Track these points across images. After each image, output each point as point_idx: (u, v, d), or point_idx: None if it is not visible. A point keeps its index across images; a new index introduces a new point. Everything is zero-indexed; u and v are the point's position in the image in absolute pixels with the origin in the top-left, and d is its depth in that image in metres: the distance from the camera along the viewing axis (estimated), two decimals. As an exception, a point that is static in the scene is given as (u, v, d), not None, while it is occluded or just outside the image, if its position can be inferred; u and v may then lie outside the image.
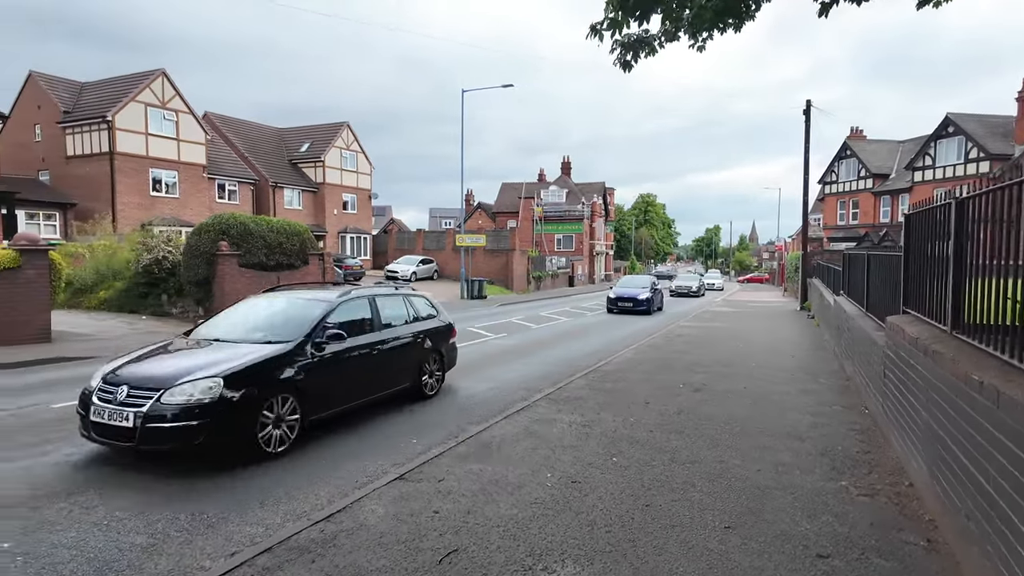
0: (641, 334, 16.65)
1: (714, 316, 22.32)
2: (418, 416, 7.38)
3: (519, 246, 39.69)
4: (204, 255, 17.02)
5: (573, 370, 10.65)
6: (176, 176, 29.64)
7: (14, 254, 12.04)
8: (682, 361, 11.41)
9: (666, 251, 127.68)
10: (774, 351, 13.05)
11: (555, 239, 63.14)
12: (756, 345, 14.10)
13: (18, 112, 29.69)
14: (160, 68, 28.77)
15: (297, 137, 41.13)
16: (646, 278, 27.33)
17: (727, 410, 7.47)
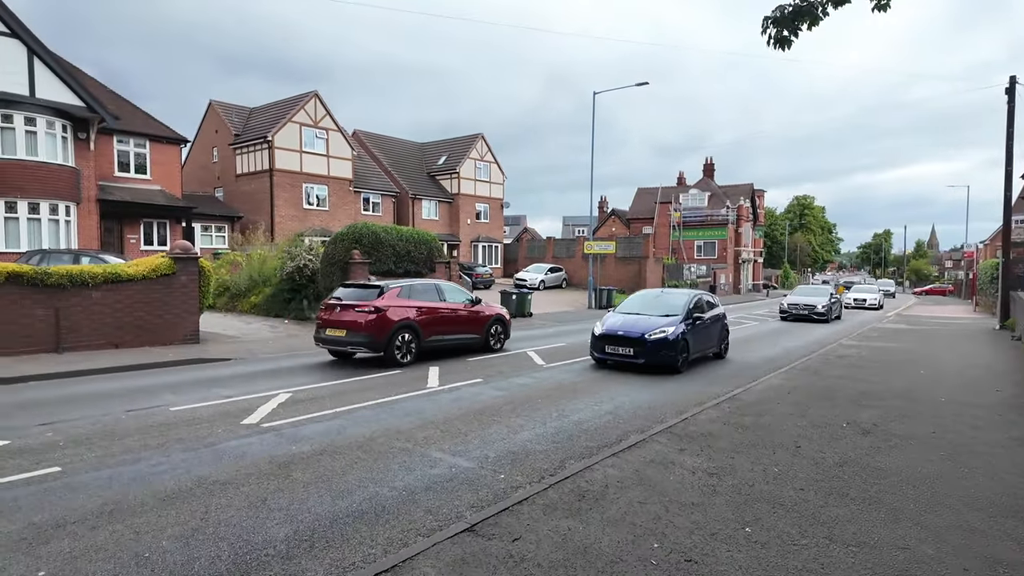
0: (793, 354, 14.44)
1: (884, 334, 19.05)
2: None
3: (653, 253, 37.65)
4: (339, 263, 17.69)
5: (704, 397, 9.18)
6: (326, 190, 31.88)
7: (170, 261, 13.13)
8: (845, 391, 9.41)
9: (826, 259, 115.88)
10: (970, 382, 10.45)
11: (695, 246, 59.52)
12: (944, 373, 11.47)
13: (201, 137, 33.85)
14: (313, 90, 31.18)
15: (436, 150, 42.68)
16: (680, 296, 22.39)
17: (910, 464, 5.71)
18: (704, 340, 12.59)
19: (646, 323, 11.54)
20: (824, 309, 23.42)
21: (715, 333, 13.24)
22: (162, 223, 25.83)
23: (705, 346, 12.75)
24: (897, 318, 27.30)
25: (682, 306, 12.13)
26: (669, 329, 11.21)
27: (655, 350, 10.97)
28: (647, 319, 11.75)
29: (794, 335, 19.12)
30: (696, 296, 12.93)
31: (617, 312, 12.74)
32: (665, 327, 11.25)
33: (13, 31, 19.72)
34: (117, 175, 24.72)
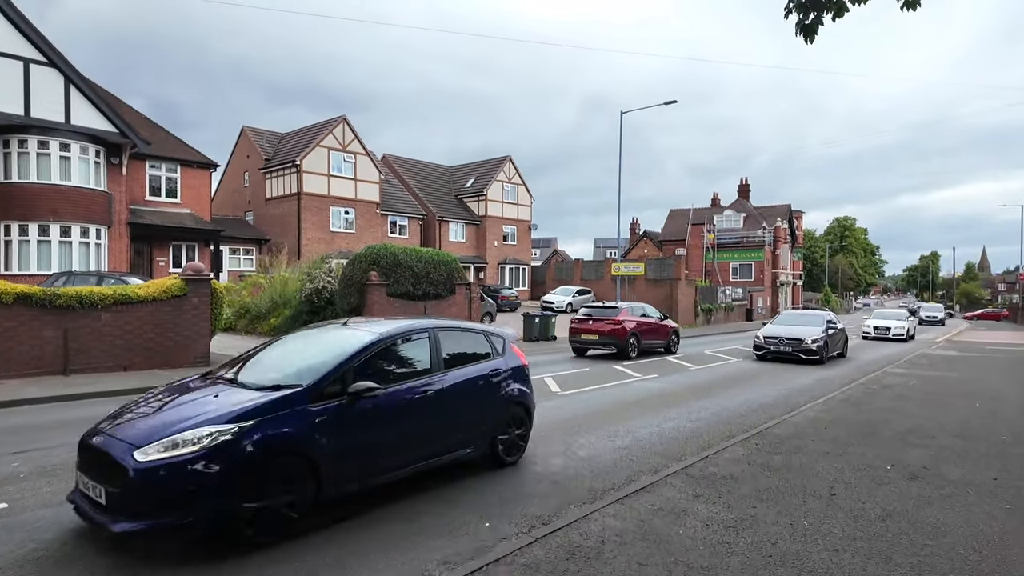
0: (833, 383, 13.39)
1: (934, 362, 17.71)
2: (500, 478, 5.85)
3: (685, 275, 36.57)
4: (356, 284, 17.41)
5: (731, 430, 8.36)
6: (353, 213, 32.02)
7: (181, 283, 12.98)
8: (890, 426, 8.45)
9: (869, 281, 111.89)
10: (1037, 418, 9.34)
11: (730, 268, 57.95)
12: (1004, 406, 10.34)
13: (233, 162, 34.59)
14: (342, 115, 31.56)
15: (464, 173, 42.71)
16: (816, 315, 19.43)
17: (969, 520, 4.84)
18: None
19: None
20: (815, 345, 16.83)
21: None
22: (191, 246, 26.18)
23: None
24: (947, 344, 25.62)
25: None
26: None
27: None
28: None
29: (832, 363, 17.92)
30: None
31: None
32: None
33: (51, 60, 20.38)
34: (148, 199, 25.21)
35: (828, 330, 17.70)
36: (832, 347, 18.00)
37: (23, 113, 19.99)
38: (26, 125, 19.98)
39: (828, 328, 17.84)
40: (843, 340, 19.41)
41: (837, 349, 18.70)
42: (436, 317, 7.50)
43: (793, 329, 17.73)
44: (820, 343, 16.87)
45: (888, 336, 26.40)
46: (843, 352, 19.32)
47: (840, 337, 19.05)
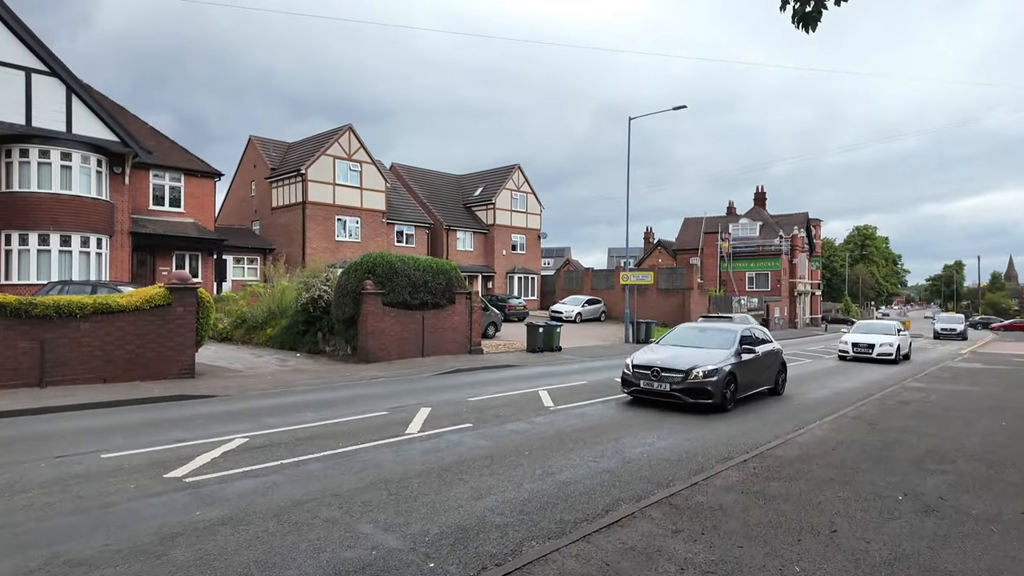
0: (846, 398, 12.59)
1: (957, 375, 16.76)
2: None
3: (697, 285, 35.72)
4: (351, 294, 16.96)
5: (730, 451, 7.69)
6: (359, 222, 31.75)
7: (165, 292, 12.61)
8: (905, 448, 7.71)
9: (891, 291, 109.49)
10: (1070, 439, 8.51)
11: (746, 277, 56.80)
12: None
13: (240, 171, 34.60)
14: (347, 124, 31.38)
15: (472, 182, 42.36)
16: None
17: (993, 566, 4.15)
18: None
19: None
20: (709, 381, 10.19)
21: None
22: (194, 255, 26.04)
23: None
24: (971, 356, 24.49)
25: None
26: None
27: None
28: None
29: (849, 375, 17.06)
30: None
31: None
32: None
33: (52, 70, 20.38)
34: (151, 208, 25.13)
35: (742, 354, 11.16)
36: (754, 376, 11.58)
37: (24, 123, 19.98)
38: (28, 135, 19.96)
39: (741, 351, 11.19)
40: (773, 368, 12.53)
41: (766, 383, 12.31)
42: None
43: (682, 354, 11.04)
44: (716, 377, 10.18)
45: (871, 356, 20.60)
46: (777, 386, 12.66)
47: (765, 364, 12.10)
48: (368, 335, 16.76)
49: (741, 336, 11.65)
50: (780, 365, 12.87)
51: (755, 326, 13.64)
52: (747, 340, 11.75)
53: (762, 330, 13.40)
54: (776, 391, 12.73)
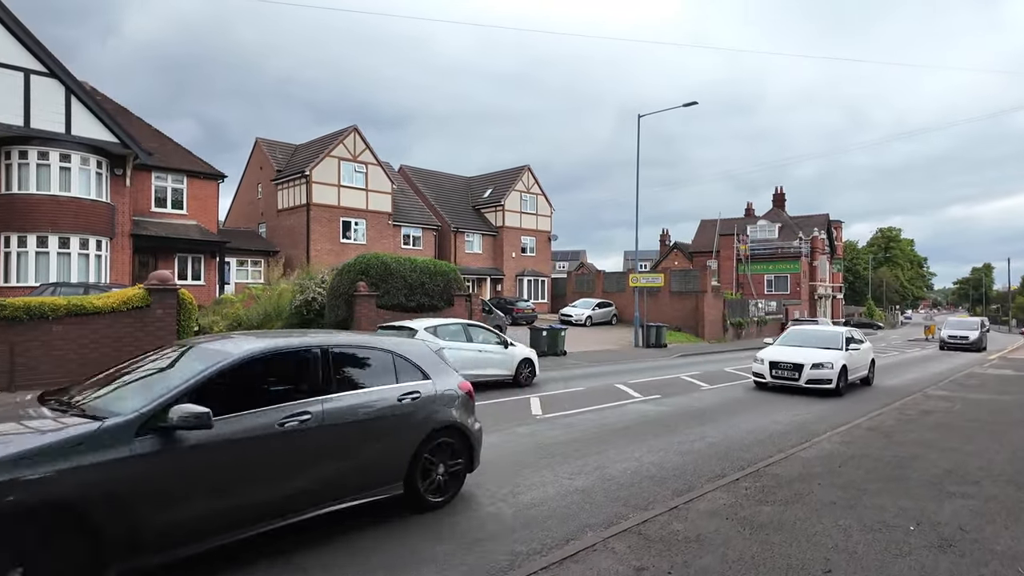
0: (861, 407, 11.70)
1: (986, 382, 15.68)
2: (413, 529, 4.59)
3: (711, 288, 34.70)
4: (344, 296, 16.48)
5: (724, 467, 6.94)
6: (364, 224, 31.36)
7: (143, 293, 12.18)
8: (923, 466, 6.88)
9: (916, 295, 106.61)
10: (1113, 456, 7.58)
11: (764, 280, 55.50)
12: (1071, 440, 8.56)
13: (248, 174, 34.48)
14: (352, 125, 31.04)
15: (482, 184, 41.82)
16: None
17: (1023, 622, 3.38)
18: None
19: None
20: None
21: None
22: (196, 258, 25.81)
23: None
24: (1001, 362, 23.20)
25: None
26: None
27: None
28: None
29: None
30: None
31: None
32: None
33: (51, 71, 20.26)
34: (153, 210, 24.96)
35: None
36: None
37: (23, 124, 19.86)
38: (26, 136, 19.82)
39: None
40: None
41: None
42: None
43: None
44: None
45: (796, 383, 13.02)
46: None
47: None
48: (361, 338, 16.21)
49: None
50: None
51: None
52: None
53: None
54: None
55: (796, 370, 13.12)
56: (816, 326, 17.45)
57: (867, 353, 15.29)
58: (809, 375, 12.93)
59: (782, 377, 13.34)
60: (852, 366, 13.78)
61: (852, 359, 13.84)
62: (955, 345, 29.77)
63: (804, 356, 13.33)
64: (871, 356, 15.63)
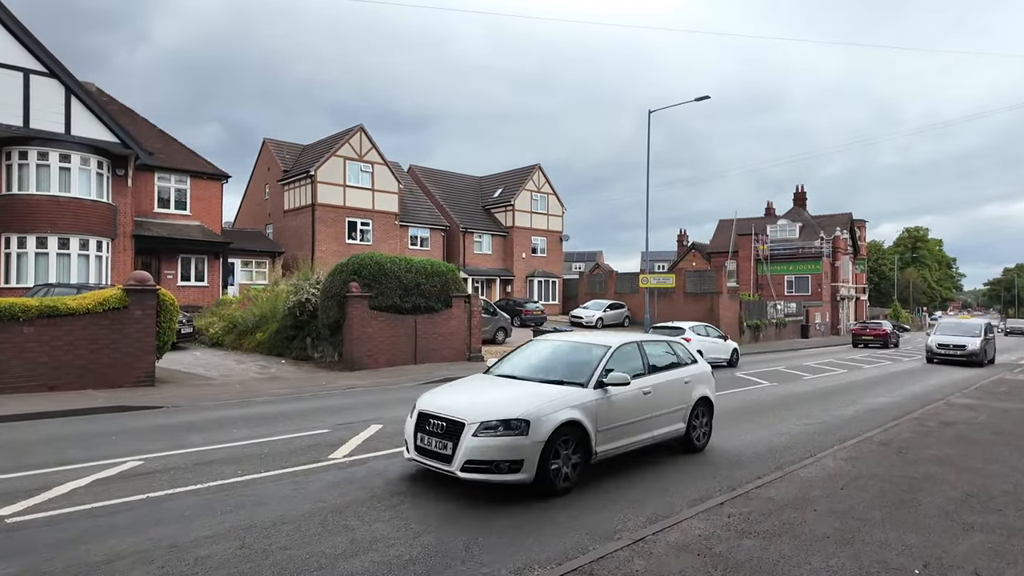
0: (878, 416, 10.84)
1: (1015, 389, 14.60)
2: None
3: (727, 289, 33.67)
4: (336, 297, 15.98)
5: (711, 488, 6.23)
6: (370, 224, 30.97)
7: (121, 293, 11.81)
8: (938, 488, 6.08)
9: (945, 296, 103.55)
10: None
11: (785, 280, 53.98)
12: (1111, 458, 7.66)
13: (256, 174, 34.38)
14: (358, 124, 30.70)
15: (492, 183, 41.26)
16: None
17: None
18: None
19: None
20: None
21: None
22: (200, 258, 25.62)
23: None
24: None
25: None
26: None
27: None
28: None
29: (890, 386, 15.10)
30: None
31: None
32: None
33: (51, 71, 20.17)
34: (156, 211, 24.82)
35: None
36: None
37: (22, 124, 19.80)
38: (26, 136, 19.74)
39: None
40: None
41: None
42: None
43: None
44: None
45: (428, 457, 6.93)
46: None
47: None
48: (353, 341, 15.72)
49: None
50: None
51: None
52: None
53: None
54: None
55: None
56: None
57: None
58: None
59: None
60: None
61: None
62: (947, 357, 22.07)
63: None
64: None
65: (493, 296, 36.54)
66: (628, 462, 7.07)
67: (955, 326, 24.35)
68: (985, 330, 22.65)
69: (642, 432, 6.83)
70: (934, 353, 22.44)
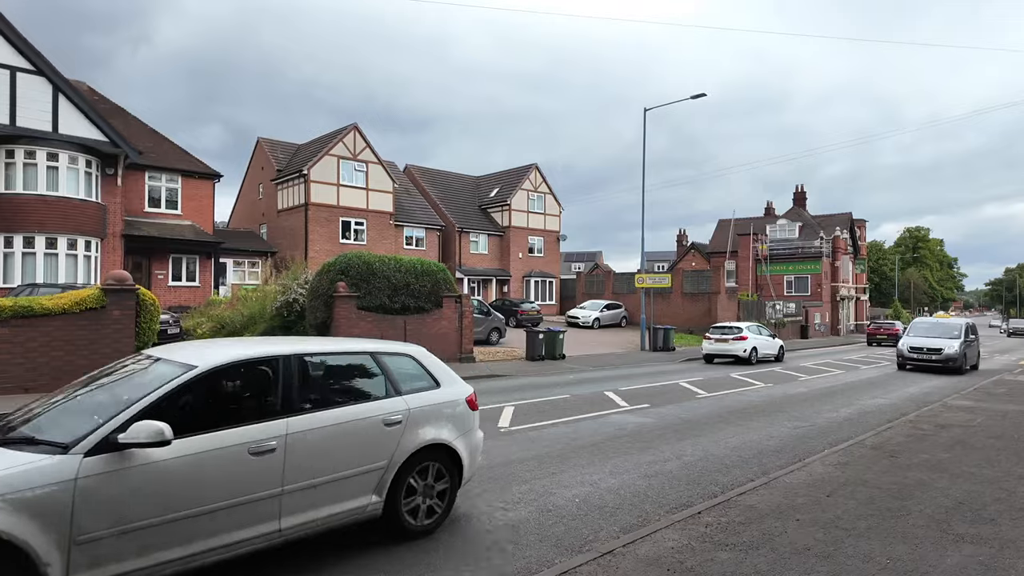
0: (874, 417, 10.57)
1: (1015, 390, 14.30)
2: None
3: (725, 289, 33.41)
4: (323, 297, 15.74)
5: (692, 495, 5.97)
6: (364, 223, 30.72)
7: (99, 293, 11.57)
8: (930, 495, 5.81)
9: (946, 296, 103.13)
10: None
11: (784, 280, 53.66)
12: (1111, 463, 7.37)
13: (250, 174, 34.15)
14: (352, 123, 30.43)
15: (489, 183, 40.99)
16: None
17: None
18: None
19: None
20: None
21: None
22: (192, 258, 25.38)
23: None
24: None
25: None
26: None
27: None
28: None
29: (887, 387, 14.82)
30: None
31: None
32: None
33: (38, 68, 19.94)
34: (147, 210, 24.60)
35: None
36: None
37: (9, 122, 19.57)
38: (12, 135, 19.52)
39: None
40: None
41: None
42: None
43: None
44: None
45: None
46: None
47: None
48: (341, 341, 15.45)
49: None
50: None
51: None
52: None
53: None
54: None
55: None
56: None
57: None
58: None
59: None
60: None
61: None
62: (921, 363, 19.24)
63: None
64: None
65: (489, 296, 36.27)
66: (582, 466, 6.80)
67: (932, 326, 21.26)
68: (966, 331, 19.99)
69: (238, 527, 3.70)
70: (906, 358, 19.63)
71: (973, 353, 20.67)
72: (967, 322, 21.24)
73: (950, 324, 21.24)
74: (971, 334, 20.58)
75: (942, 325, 21.25)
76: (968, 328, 20.40)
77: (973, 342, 20.63)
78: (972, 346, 20.41)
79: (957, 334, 19.79)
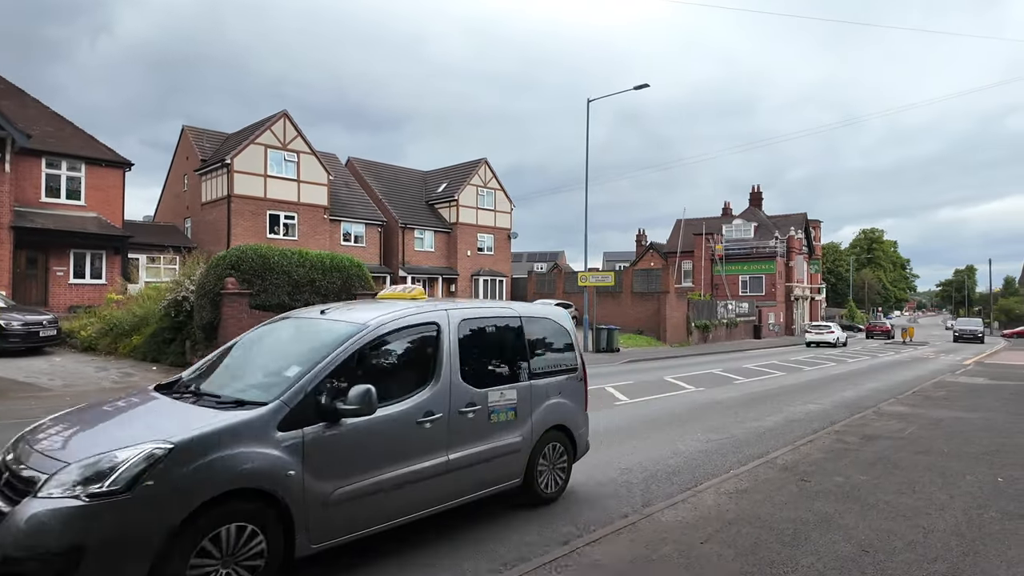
0: (797, 426, 9.48)
1: (953, 395, 13.49)
2: None
3: (674, 288, 32.57)
4: (210, 294, 14.06)
5: (529, 547, 4.65)
6: (296, 217, 28.90)
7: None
8: (827, 541, 4.61)
9: (899, 297, 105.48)
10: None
11: (739, 280, 53.48)
12: (1048, 485, 6.35)
13: (175, 165, 31.96)
14: (282, 110, 28.61)
15: (437, 178, 39.49)
16: None
17: None
18: None
19: None
20: None
21: None
22: (97, 254, 23.24)
23: None
24: (976, 368, 21.16)
25: None
26: None
27: None
28: None
29: (824, 391, 13.87)
30: None
31: None
32: None
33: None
34: (44, 200, 22.40)
35: None
36: None
37: None
38: None
39: None
40: None
41: None
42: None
43: None
44: None
45: None
46: None
47: None
48: (232, 344, 13.80)
49: None
50: None
51: None
52: None
53: None
54: None
55: None
56: None
57: None
58: None
59: None
60: None
61: None
62: None
63: None
64: None
65: (436, 295, 34.75)
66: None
67: None
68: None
69: None
70: None
71: None
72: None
73: None
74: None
75: None
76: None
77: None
78: None
79: None
